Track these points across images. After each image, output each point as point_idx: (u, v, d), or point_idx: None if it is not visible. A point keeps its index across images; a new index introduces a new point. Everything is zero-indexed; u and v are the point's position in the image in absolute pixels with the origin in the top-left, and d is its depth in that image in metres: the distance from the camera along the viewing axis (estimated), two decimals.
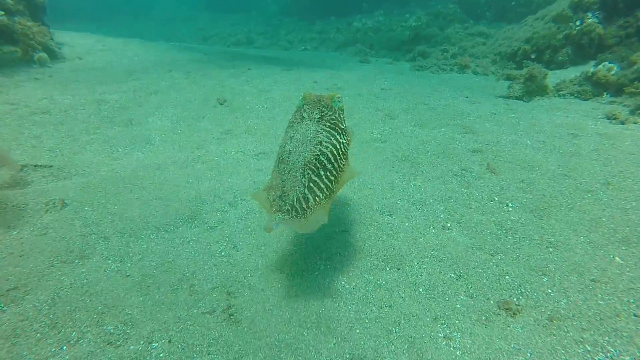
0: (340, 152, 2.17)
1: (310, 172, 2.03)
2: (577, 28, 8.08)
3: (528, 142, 4.01)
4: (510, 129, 4.38)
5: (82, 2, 25.23)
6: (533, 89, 6.16)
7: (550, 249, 2.55)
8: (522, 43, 8.96)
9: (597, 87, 6.19)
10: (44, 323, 2.14)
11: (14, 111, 4.44)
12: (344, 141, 2.24)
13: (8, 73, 5.66)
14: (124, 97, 5.45)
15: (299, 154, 2.07)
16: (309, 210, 2.00)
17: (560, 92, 6.27)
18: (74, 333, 2.10)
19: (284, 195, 2.03)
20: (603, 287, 2.22)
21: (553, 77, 6.79)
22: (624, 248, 2.51)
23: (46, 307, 2.23)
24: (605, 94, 6.03)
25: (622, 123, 4.69)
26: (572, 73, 6.79)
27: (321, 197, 2.03)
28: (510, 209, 2.98)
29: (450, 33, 13.45)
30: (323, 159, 2.06)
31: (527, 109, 5.30)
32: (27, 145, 3.81)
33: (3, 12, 6.00)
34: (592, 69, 6.39)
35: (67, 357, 1.96)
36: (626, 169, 3.39)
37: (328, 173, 2.07)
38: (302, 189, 2.01)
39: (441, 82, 7.14)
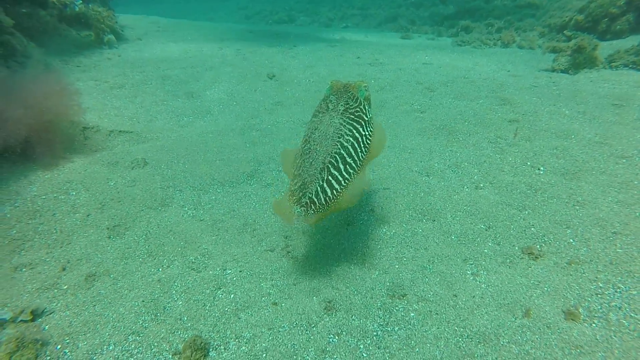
0: (362, 145, 2.24)
1: (330, 166, 2.11)
2: None
3: (566, 112, 4.10)
4: (549, 100, 4.47)
5: None
6: (581, 61, 6.03)
7: (577, 207, 2.78)
8: (574, 13, 8.59)
9: None
10: (142, 252, 2.69)
11: (98, 86, 5.11)
12: (367, 133, 2.28)
13: (86, 54, 6.40)
14: (184, 72, 6.01)
15: (321, 148, 2.15)
16: (326, 203, 2.09)
17: (613, 64, 6.07)
18: (165, 260, 2.63)
19: (304, 187, 2.11)
20: (623, 238, 2.44)
21: (608, 48, 6.58)
22: None
23: (142, 240, 2.78)
24: None
25: None
26: (632, 42, 6.49)
27: (339, 189, 2.12)
28: (541, 172, 3.19)
29: (496, 6, 13.00)
30: (343, 152, 2.14)
31: (570, 81, 5.28)
32: (112, 114, 4.44)
33: (81, 1, 6.73)
34: None
35: (163, 276, 2.49)
36: None
37: (347, 166, 2.15)
38: (320, 182, 2.09)
39: (483, 57, 7.13)
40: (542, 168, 3.25)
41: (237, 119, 4.58)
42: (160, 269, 2.55)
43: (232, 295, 2.34)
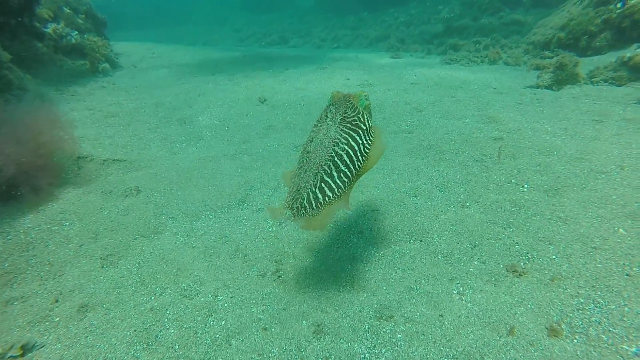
0: (358, 154, 2.24)
1: (323, 173, 2.15)
2: (618, 11, 7.89)
3: (549, 129, 4.22)
4: (533, 117, 4.59)
5: (129, 12, 27.05)
6: (563, 78, 6.21)
7: (559, 223, 2.85)
8: (556, 31, 8.87)
9: (635, 71, 6.13)
10: (135, 280, 2.72)
11: (92, 115, 5.22)
12: (364, 142, 2.29)
13: (81, 83, 6.55)
14: (177, 99, 6.14)
15: (316, 157, 2.19)
16: (317, 209, 2.12)
17: (593, 79, 6.27)
18: (157, 288, 2.67)
19: (297, 193, 2.15)
20: (603, 253, 2.51)
21: (589, 64, 6.78)
22: (629, 221, 2.75)
23: (135, 269, 2.82)
24: None
25: None
26: (611, 58, 6.70)
27: (332, 197, 2.15)
28: (525, 189, 3.28)
29: (484, 24, 13.36)
30: (337, 160, 2.17)
31: (554, 97, 5.43)
32: (105, 143, 4.53)
33: (77, 32, 6.93)
34: (628, 54, 6.35)
35: (155, 304, 2.53)
36: None
37: (342, 174, 2.18)
38: (312, 189, 2.13)
39: (470, 75, 7.32)
40: (525, 185, 3.34)
41: (228, 144, 4.67)
42: (152, 297, 2.59)
43: (223, 322, 2.37)
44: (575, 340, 2.00)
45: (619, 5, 7.89)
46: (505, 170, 3.58)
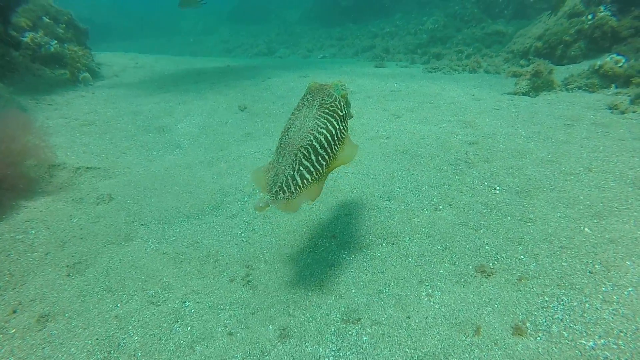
0: (336, 138, 2.28)
1: (302, 157, 2.16)
2: (589, 22, 8.13)
3: (523, 133, 4.29)
4: (508, 122, 4.67)
5: (114, 23, 27.03)
6: (539, 85, 6.35)
7: (529, 224, 2.87)
8: (534, 40, 9.10)
9: (605, 79, 6.32)
10: (102, 287, 2.66)
11: (67, 124, 5.15)
12: (341, 127, 2.32)
13: (60, 92, 6.47)
14: (156, 107, 6.10)
15: (294, 140, 2.20)
16: (296, 192, 2.15)
17: (568, 86, 6.43)
18: (124, 295, 2.61)
19: (276, 177, 2.18)
20: (568, 252, 2.53)
21: (565, 72, 6.95)
22: (595, 221, 2.79)
23: (103, 276, 2.76)
24: (613, 85, 6.16)
25: (623, 113, 4.86)
26: (585, 67, 6.88)
27: (310, 179, 2.17)
28: (497, 192, 3.31)
29: (467, 34, 13.63)
30: (316, 144, 2.18)
31: (529, 103, 5.54)
32: (80, 151, 4.47)
33: (56, 41, 6.88)
34: (599, 62, 6.53)
35: (121, 311, 2.47)
36: (611, 154, 3.63)
37: (319, 157, 2.20)
38: (291, 172, 2.15)
39: (451, 82, 7.43)
40: (498, 187, 3.37)
41: (206, 152, 4.65)
42: (118, 305, 2.53)
43: (189, 328, 2.33)
44: (538, 338, 2.00)
45: (589, 16, 8.15)
46: (478, 173, 3.61)
